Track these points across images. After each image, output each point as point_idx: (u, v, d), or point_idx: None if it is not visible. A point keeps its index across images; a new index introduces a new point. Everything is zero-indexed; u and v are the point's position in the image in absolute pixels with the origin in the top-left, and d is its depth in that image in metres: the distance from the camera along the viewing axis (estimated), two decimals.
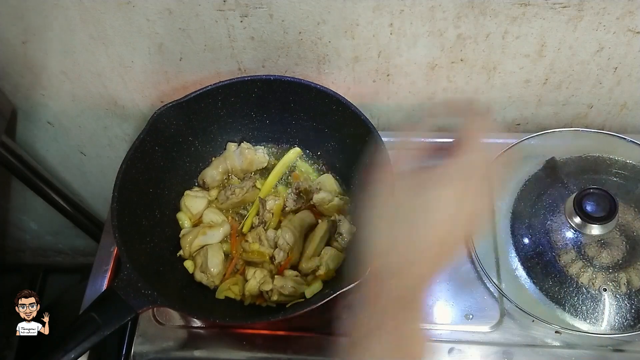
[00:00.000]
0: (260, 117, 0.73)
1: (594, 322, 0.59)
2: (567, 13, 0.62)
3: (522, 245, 0.65)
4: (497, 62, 0.70)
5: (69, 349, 0.53)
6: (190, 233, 0.68)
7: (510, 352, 0.61)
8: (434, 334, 0.63)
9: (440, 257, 0.44)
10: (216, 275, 0.65)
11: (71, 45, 0.71)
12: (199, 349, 0.65)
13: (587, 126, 0.77)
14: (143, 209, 0.67)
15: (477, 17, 0.63)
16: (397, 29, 0.65)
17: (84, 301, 0.69)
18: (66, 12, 0.66)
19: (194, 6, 0.64)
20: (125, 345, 0.65)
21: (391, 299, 0.43)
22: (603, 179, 0.68)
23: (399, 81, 0.74)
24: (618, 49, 0.67)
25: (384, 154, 0.62)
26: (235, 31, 0.67)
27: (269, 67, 0.73)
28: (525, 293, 0.62)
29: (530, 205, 0.67)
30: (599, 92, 0.74)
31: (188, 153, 0.73)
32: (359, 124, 0.66)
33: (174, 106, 0.67)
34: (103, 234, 0.75)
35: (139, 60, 0.73)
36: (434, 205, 0.44)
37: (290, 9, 0.63)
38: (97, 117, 0.85)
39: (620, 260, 0.61)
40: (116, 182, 0.63)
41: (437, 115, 0.49)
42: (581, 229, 0.61)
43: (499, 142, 0.74)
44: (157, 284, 0.58)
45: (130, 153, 0.64)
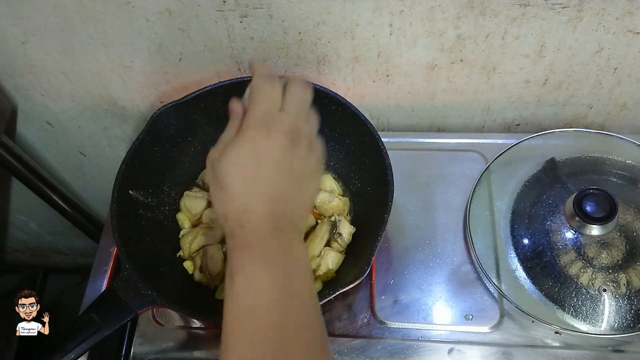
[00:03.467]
0: None
1: (594, 323, 0.59)
2: (566, 13, 0.62)
3: (521, 246, 0.65)
4: (496, 63, 0.70)
5: (68, 350, 0.53)
6: (190, 233, 0.68)
7: (510, 352, 0.61)
8: (433, 334, 0.63)
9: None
10: (216, 276, 0.65)
11: (71, 45, 0.71)
12: (199, 349, 0.65)
13: (587, 126, 0.77)
14: (143, 209, 0.67)
15: (476, 17, 0.63)
16: (397, 29, 0.65)
17: (83, 301, 0.69)
18: (66, 12, 0.66)
19: (193, 7, 0.64)
20: (124, 345, 0.65)
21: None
22: (603, 179, 0.68)
23: (398, 81, 0.74)
24: (618, 49, 0.67)
25: (383, 154, 0.63)
26: (235, 31, 0.67)
27: None
28: (525, 293, 0.62)
29: (530, 206, 0.67)
30: (599, 93, 0.74)
31: (188, 153, 0.73)
32: (359, 124, 0.66)
33: (173, 106, 0.67)
34: (102, 235, 0.75)
35: (139, 61, 0.73)
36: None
37: (290, 9, 0.63)
38: (96, 117, 0.85)
39: (620, 261, 0.61)
40: (116, 182, 0.63)
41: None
42: (581, 230, 0.61)
43: (499, 142, 0.75)
44: (157, 284, 0.58)
45: (129, 153, 0.64)
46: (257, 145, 0.44)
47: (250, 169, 0.44)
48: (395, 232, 0.69)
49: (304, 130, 0.47)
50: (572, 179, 0.67)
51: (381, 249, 0.68)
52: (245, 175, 0.44)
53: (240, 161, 0.44)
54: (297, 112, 0.47)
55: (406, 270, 0.67)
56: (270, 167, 0.45)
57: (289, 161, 0.45)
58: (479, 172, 0.70)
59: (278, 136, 0.45)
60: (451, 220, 0.70)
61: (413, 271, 0.67)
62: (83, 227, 1.09)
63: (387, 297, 0.65)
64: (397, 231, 0.69)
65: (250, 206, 0.44)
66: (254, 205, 0.44)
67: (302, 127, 0.47)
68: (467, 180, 0.71)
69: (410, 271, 0.67)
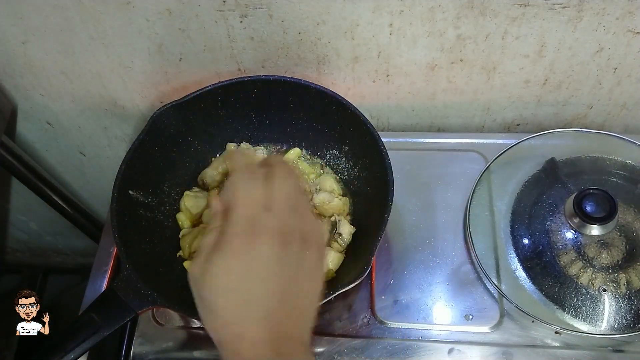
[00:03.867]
0: (260, 118, 0.73)
1: (594, 323, 0.59)
2: (566, 13, 0.62)
3: (521, 246, 0.65)
4: (496, 63, 0.70)
5: (68, 350, 0.53)
6: (190, 233, 0.68)
7: (510, 352, 0.61)
8: (433, 334, 0.63)
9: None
10: None
11: (71, 45, 0.71)
12: (199, 349, 0.65)
13: (587, 126, 0.77)
14: (143, 209, 0.67)
15: (476, 17, 0.63)
16: (397, 29, 0.65)
17: (83, 301, 0.69)
18: (66, 12, 0.66)
19: (193, 6, 0.64)
20: (124, 345, 0.65)
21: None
22: (603, 179, 0.68)
23: (398, 81, 0.74)
24: (618, 49, 0.67)
25: (383, 154, 0.63)
26: (235, 31, 0.67)
27: (268, 68, 0.73)
28: (525, 293, 0.62)
29: (530, 206, 0.67)
30: (599, 93, 0.74)
31: (188, 153, 0.73)
32: (359, 124, 0.66)
33: (173, 106, 0.67)
34: (103, 235, 0.75)
35: (139, 61, 0.73)
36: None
37: (290, 9, 0.63)
38: (96, 117, 0.85)
39: (620, 261, 0.61)
40: (116, 182, 0.63)
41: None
42: (581, 230, 0.61)
43: (499, 142, 0.75)
44: (157, 284, 0.58)
45: (129, 153, 0.64)
46: (244, 258, 0.40)
47: (240, 288, 0.39)
48: (395, 232, 0.69)
49: (295, 227, 0.42)
50: (572, 179, 0.67)
51: (381, 249, 0.68)
52: (233, 295, 0.39)
53: (225, 277, 0.39)
54: (284, 207, 0.42)
55: (406, 270, 0.67)
56: (261, 281, 0.40)
57: (283, 267, 0.40)
58: (479, 172, 0.70)
59: (266, 242, 0.40)
60: (451, 220, 0.70)
61: (413, 271, 0.67)
62: (83, 227, 1.09)
63: (387, 297, 0.65)
64: (397, 231, 0.69)
65: (246, 331, 0.39)
66: (249, 330, 0.39)
67: (292, 223, 0.42)
68: (467, 180, 0.71)
69: (410, 271, 0.67)
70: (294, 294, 0.41)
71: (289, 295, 0.41)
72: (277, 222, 0.41)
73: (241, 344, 0.39)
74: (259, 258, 0.40)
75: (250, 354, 0.38)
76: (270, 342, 0.39)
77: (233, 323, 0.39)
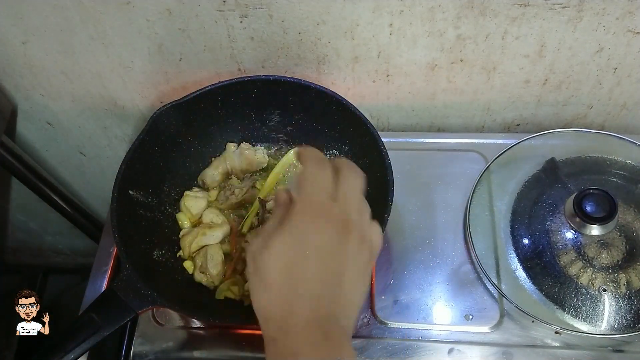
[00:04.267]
0: (260, 117, 0.73)
1: (594, 323, 0.59)
2: (566, 13, 0.62)
3: (521, 246, 0.65)
4: (496, 63, 0.70)
5: (68, 350, 0.53)
6: (190, 233, 0.68)
7: (510, 352, 0.61)
8: (433, 334, 0.63)
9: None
10: (216, 276, 0.65)
11: (71, 45, 0.71)
12: (199, 349, 0.65)
13: (587, 126, 0.77)
14: (143, 209, 0.67)
15: (476, 17, 0.63)
16: (397, 29, 0.65)
17: (83, 301, 0.69)
18: (66, 12, 0.66)
19: (193, 6, 0.64)
20: (124, 345, 0.65)
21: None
22: (603, 180, 0.68)
23: (398, 81, 0.74)
24: (618, 49, 0.67)
25: (383, 154, 0.63)
26: (235, 32, 0.67)
27: (268, 68, 0.73)
28: (525, 293, 0.62)
29: (530, 206, 0.67)
30: (599, 93, 0.74)
31: (188, 153, 0.73)
32: (359, 124, 0.66)
33: (173, 106, 0.67)
34: (102, 235, 0.75)
35: (139, 61, 0.73)
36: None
37: (290, 9, 0.63)
38: (96, 117, 0.85)
39: (620, 261, 0.61)
40: (116, 182, 0.63)
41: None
42: (581, 230, 0.61)
43: (499, 142, 0.75)
44: (157, 284, 0.58)
45: (129, 153, 0.64)
46: (304, 236, 0.41)
47: (296, 263, 0.40)
48: (395, 232, 0.69)
49: (356, 223, 0.43)
50: (572, 179, 0.67)
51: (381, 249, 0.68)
52: (290, 271, 0.40)
53: (285, 253, 0.40)
54: (350, 202, 0.43)
55: (406, 270, 0.67)
56: (318, 262, 0.40)
57: (339, 256, 0.41)
58: (479, 172, 0.70)
59: (328, 227, 0.41)
60: (451, 220, 0.70)
61: (413, 271, 0.67)
62: (83, 227, 1.09)
63: (387, 297, 0.65)
64: (397, 231, 0.69)
65: (295, 308, 0.39)
66: (298, 307, 0.39)
67: (354, 218, 0.43)
68: (467, 180, 0.71)
69: (410, 271, 0.67)
70: (346, 282, 0.41)
71: (340, 283, 0.41)
72: (341, 212, 0.42)
73: (289, 321, 0.39)
74: (319, 240, 0.41)
75: (298, 333, 0.39)
76: (319, 322, 0.39)
77: (285, 298, 0.40)
